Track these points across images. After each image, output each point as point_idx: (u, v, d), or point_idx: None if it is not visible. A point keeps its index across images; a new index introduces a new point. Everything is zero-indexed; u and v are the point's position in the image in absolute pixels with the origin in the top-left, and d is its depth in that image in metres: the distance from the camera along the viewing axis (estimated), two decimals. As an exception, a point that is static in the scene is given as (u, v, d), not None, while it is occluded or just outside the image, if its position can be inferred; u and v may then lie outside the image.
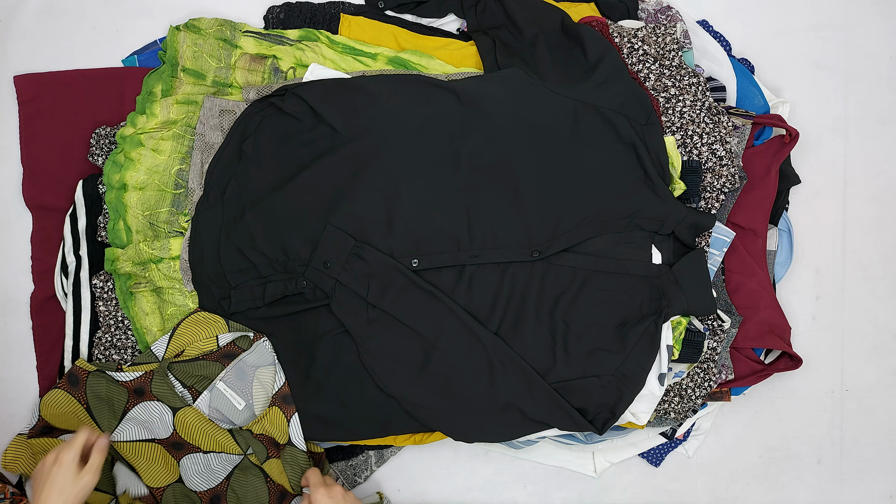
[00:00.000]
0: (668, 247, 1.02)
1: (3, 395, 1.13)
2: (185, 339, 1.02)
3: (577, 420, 1.00)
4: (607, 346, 1.00)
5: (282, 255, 1.02)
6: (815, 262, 1.16)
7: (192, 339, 1.01)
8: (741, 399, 1.14)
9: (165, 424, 1.00)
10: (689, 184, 1.02)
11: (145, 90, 1.08)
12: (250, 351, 1.01)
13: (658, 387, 1.00)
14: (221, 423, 1.01)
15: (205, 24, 1.08)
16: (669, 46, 1.04)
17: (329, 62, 1.07)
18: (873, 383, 1.16)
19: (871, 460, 1.16)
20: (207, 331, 1.01)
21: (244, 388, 1.01)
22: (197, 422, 1.00)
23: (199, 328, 1.02)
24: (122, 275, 1.05)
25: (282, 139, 1.04)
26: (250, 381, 1.01)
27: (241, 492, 1.01)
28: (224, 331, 1.02)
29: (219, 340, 1.01)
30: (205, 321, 1.02)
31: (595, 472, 1.13)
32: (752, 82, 1.11)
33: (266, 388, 1.01)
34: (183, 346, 1.02)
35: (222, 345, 1.01)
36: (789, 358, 1.08)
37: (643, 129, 1.00)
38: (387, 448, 1.12)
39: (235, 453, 1.01)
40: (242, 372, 1.01)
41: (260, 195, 1.03)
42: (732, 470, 1.15)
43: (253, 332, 1.02)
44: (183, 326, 1.02)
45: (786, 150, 1.06)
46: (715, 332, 1.04)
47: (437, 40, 1.09)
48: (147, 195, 1.05)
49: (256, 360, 1.01)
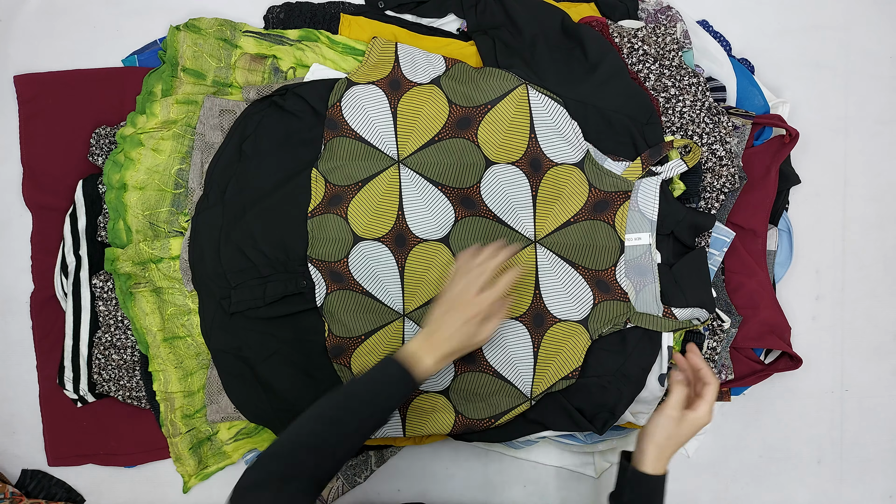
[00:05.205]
0: (668, 247, 1.01)
1: (3, 395, 1.13)
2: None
3: (576, 420, 1.00)
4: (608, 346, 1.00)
5: (282, 255, 1.02)
6: (815, 262, 1.16)
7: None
8: (741, 399, 1.14)
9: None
10: (689, 184, 1.02)
11: (145, 90, 1.08)
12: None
13: (658, 387, 1.00)
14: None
15: (205, 24, 1.08)
16: (669, 46, 1.04)
17: (329, 62, 1.07)
18: (873, 383, 1.16)
19: (871, 460, 1.16)
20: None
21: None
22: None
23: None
24: (122, 275, 1.05)
25: (282, 138, 1.04)
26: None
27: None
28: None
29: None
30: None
31: (595, 473, 1.13)
32: (752, 82, 1.10)
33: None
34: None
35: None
36: (789, 358, 1.08)
37: (643, 129, 1.00)
38: (387, 448, 1.12)
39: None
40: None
41: (260, 195, 1.03)
42: (732, 470, 1.15)
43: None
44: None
45: (786, 150, 1.06)
46: (715, 332, 1.04)
47: (437, 40, 1.09)
48: (147, 195, 1.05)
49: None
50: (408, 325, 1.01)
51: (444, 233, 1.01)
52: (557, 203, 0.99)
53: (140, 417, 1.11)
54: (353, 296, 1.01)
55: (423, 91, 1.02)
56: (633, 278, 0.99)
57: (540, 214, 0.99)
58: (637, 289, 0.99)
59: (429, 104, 1.02)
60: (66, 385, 1.10)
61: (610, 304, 0.98)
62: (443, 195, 1.01)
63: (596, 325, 0.98)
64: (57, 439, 1.12)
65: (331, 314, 1.02)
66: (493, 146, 0.99)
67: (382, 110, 1.02)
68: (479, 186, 1.00)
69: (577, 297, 0.99)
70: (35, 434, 1.13)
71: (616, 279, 0.98)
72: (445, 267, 1.01)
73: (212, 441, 1.08)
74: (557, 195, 0.99)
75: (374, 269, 1.01)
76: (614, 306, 0.98)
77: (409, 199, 1.01)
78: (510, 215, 1.00)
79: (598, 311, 0.98)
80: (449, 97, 1.01)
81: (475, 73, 1.01)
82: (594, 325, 0.98)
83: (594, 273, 0.99)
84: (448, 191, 1.00)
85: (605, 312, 0.98)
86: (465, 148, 1.00)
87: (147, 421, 1.10)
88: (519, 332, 0.99)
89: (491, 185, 1.00)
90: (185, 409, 1.07)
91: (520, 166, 0.99)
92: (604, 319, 0.98)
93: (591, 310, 0.99)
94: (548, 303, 0.99)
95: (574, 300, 0.99)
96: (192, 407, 1.07)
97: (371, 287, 1.01)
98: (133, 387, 1.08)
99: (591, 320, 0.98)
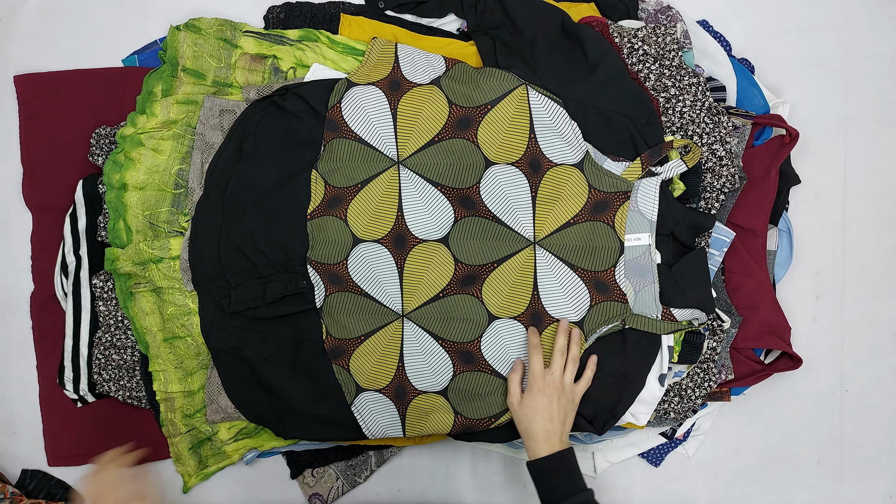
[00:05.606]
0: (668, 247, 1.01)
1: (3, 395, 1.13)
2: None
3: (576, 420, 1.00)
4: (608, 346, 1.00)
5: (282, 255, 1.02)
6: (815, 262, 1.16)
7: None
8: (741, 399, 1.14)
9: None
10: (689, 184, 1.02)
11: (145, 90, 1.08)
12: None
13: (658, 387, 1.00)
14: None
15: (205, 24, 1.08)
16: (669, 46, 1.04)
17: (329, 62, 1.07)
18: (873, 383, 1.16)
19: (871, 460, 1.16)
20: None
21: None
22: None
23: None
24: (122, 275, 1.05)
25: (282, 138, 1.04)
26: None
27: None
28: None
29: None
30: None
31: (595, 472, 1.13)
32: (752, 82, 1.10)
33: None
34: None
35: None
36: (789, 358, 1.08)
37: (643, 129, 1.00)
38: (387, 448, 1.12)
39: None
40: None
41: (260, 194, 1.03)
42: (732, 470, 1.15)
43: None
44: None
45: (786, 151, 1.06)
46: (715, 332, 1.04)
47: (438, 40, 1.09)
48: (147, 195, 1.05)
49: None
50: (407, 325, 1.01)
51: (443, 233, 1.01)
52: (557, 204, 0.99)
53: (140, 417, 1.11)
54: (351, 297, 1.01)
55: (422, 91, 1.02)
56: (632, 279, 0.99)
57: (539, 215, 0.99)
58: (636, 289, 0.99)
59: (429, 105, 1.02)
60: (66, 385, 1.10)
61: (607, 306, 0.98)
62: (442, 195, 1.01)
63: (592, 325, 0.98)
64: (57, 439, 1.12)
65: (329, 316, 1.02)
66: (493, 146, 0.99)
67: (382, 111, 1.02)
68: (479, 187, 1.00)
69: (574, 298, 0.99)
70: (35, 434, 1.13)
71: (616, 280, 0.98)
72: (444, 267, 1.01)
73: (212, 441, 1.08)
74: (557, 196, 0.99)
75: (373, 270, 1.01)
76: (611, 307, 0.98)
77: (408, 199, 1.01)
78: (510, 216, 1.00)
79: (595, 312, 0.98)
80: (449, 97, 1.01)
81: (475, 73, 1.01)
82: (590, 326, 0.98)
83: (593, 274, 0.99)
84: (447, 191, 1.00)
85: (601, 313, 0.98)
86: (465, 148, 1.00)
87: (147, 421, 1.10)
88: (517, 332, 0.99)
89: (490, 185, 1.00)
90: (185, 409, 1.07)
91: (519, 167, 0.99)
92: (600, 320, 0.98)
93: (587, 311, 0.99)
94: (545, 303, 0.99)
95: (571, 301, 0.99)
96: (192, 407, 1.07)
97: (370, 288, 1.01)
98: (133, 387, 1.08)
99: (587, 321, 0.98)
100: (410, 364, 1.01)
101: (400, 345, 1.01)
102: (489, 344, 1.00)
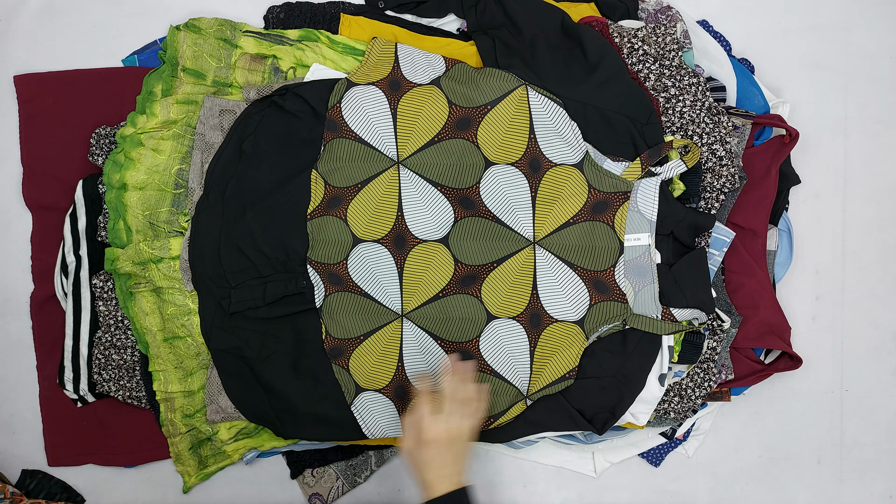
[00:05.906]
0: (668, 247, 1.01)
1: (3, 395, 1.13)
2: None
3: (577, 420, 1.00)
4: (608, 346, 1.00)
5: (282, 255, 1.02)
6: (815, 262, 1.16)
7: None
8: (741, 399, 1.14)
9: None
10: (689, 184, 1.02)
11: (145, 90, 1.08)
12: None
13: (658, 387, 1.00)
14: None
15: (205, 24, 1.08)
16: (669, 46, 1.04)
17: (329, 62, 1.07)
18: (873, 383, 1.16)
19: (871, 460, 1.16)
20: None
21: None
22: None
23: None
24: (122, 275, 1.05)
25: (282, 138, 1.04)
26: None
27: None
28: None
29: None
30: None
31: (595, 472, 1.13)
32: (752, 82, 1.10)
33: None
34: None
35: None
36: (789, 358, 1.08)
37: (643, 129, 1.00)
38: (387, 448, 1.12)
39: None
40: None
41: (260, 194, 1.03)
42: (732, 470, 1.15)
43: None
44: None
45: (786, 151, 1.06)
46: (715, 332, 1.04)
47: (437, 40, 1.09)
48: (147, 195, 1.05)
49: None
50: (406, 325, 1.01)
51: (443, 233, 1.01)
52: (557, 204, 0.99)
53: (140, 417, 1.11)
54: (351, 297, 1.01)
55: (422, 92, 1.02)
56: (632, 279, 0.99)
57: (539, 215, 0.99)
58: (636, 289, 0.99)
59: (429, 105, 1.02)
60: (66, 385, 1.10)
61: (607, 305, 0.98)
62: (442, 195, 1.01)
63: (592, 325, 0.98)
64: (57, 439, 1.12)
65: (329, 315, 1.02)
66: (493, 147, 0.99)
67: (382, 111, 1.02)
68: (479, 187, 1.00)
69: (573, 297, 0.99)
70: (35, 434, 1.13)
71: (615, 280, 0.98)
72: (444, 267, 1.01)
73: (212, 441, 1.08)
74: (557, 196, 0.99)
75: (372, 270, 1.01)
76: (611, 307, 0.98)
77: (408, 199, 1.01)
78: (509, 216, 1.00)
79: (595, 311, 0.98)
80: (449, 98, 1.01)
81: (475, 73, 1.01)
82: (590, 325, 0.98)
83: (593, 274, 0.99)
84: (447, 191, 1.01)
85: (601, 313, 0.98)
86: (465, 148, 1.00)
87: (147, 421, 1.10)
88: (516, 332, 0.99)
89: (490, 185, 1.00)
90: (185, 409, 1.07)
91: (519, 167, 0.99)
92: (600, 320, 0.98)
93: (587, 310, 0.99)
94: (545, 303, 0.99)
95: (571, 301, 0.99)
96: (192, 407, 1.07)
97: (369, 288, 1.01)
98: (133, 387, 1.08)
99: (587, 321, 0.98)
100: (410, 364, 1.01)
101: (399, 345, 1.01)
102: (487, 344, 1.00)
